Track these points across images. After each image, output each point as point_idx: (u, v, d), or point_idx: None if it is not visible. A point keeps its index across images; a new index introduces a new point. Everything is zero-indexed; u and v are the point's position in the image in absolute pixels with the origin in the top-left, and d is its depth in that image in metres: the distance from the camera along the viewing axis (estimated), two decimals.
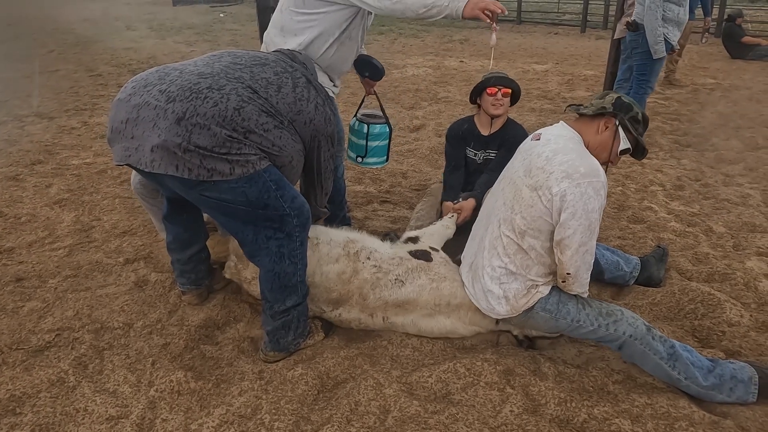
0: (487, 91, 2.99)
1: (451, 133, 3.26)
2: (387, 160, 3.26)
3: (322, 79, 2.79)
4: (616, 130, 2.02)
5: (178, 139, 1.80)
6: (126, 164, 1.93)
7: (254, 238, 2.04)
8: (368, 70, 3.04)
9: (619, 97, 2.03)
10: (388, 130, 3.13)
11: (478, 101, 3.09)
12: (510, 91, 2.99)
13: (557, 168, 1.92)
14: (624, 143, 2.04)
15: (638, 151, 2.10)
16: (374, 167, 3.37)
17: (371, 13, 2.84)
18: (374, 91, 3.21)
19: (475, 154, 3.17)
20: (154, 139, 1.82)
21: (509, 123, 3.14)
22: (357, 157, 3.17)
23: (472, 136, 3.16)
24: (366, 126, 3.08)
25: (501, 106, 2.99)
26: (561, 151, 1.96)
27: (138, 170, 1.96)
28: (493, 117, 3.05)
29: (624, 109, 2.02)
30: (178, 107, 1.82)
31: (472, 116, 3.21)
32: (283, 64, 2.13)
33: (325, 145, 2.24)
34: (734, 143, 4.98)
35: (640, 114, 2.05)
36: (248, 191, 1.90)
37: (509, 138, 3.08)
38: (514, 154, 3.03)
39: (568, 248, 1.94)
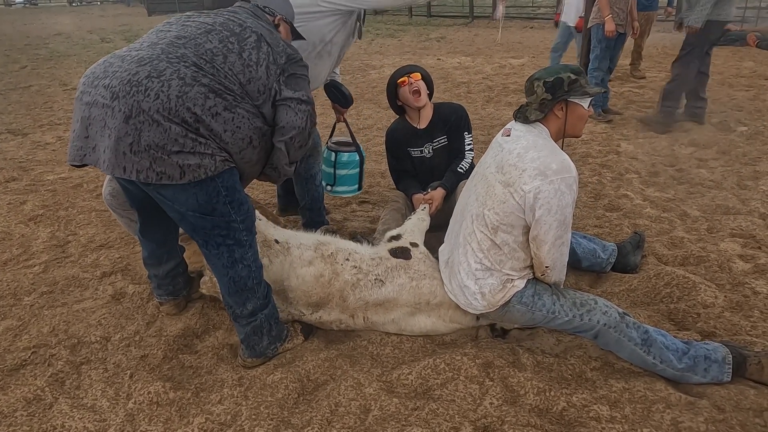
0: (399, 83, 2.97)
1: (391, 143, 3.16)
2: (359, 189, 3.20)
3: None
4: (568, 104, 2.03)
5: (128, 138, 1.75)
6: (81, 164, 1.90)
7: (205, 243, 2.01)
8: (336, 97, 3.01)
9: (544, 81, 1.99)
10: (357, 158, 3.06)
11: (399, 103, 3.07)
12: (419, 74, 2.98)
13: (529, 165, 1.93)
14: (584, 101, 2.03)
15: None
16: (345, 196, 3.30)
17: (354, 35, 2.83)
18: (344, 119, 3.16)
19: (422, 151, 3.10)
20: (105, 140, 1.79)
21: (438, 106, 3.11)
22: (326, 185, 3.13)
23: (411, 134, 3.09)
24: (334, 154, 3.04)
25: (420, 95, 2.95)
26: (532, 147, 1.98)
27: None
28: (419, 108, 3.01)
29: (559, 86, 1.98)
30: (123, 104, 1.75)
31: (403, 116, 3.16)
32: (232, 24, 2.01)
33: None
34: (707, 128, 5.05)
35: (570, 75, 1.99)
36: (198, 194, 1.86)
37: (449, 117, 3.06)
38: (461, 129, 3.05)
39: (545, 243, 1.97)
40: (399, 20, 15.98)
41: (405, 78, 2.96)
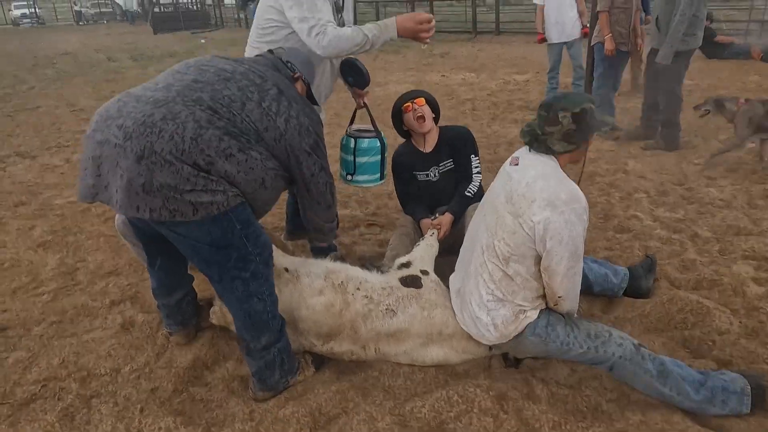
0: (403, 110, 2.97)
1: (398, 166, 3.16)
2: (382, 178, 3.02)
3: None
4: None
5: (140, 179, 1.76)
6: (92, 201, 1.92)
7: (219, 277, 2.00)
8: (352, 75, 2.87)
9: (572, 113, 1.93)
10: (378, 144, 2.92)
11: (405, 127, 3.07)
12: (423, 100, 2.97)
13: (538, 195, 1.92)
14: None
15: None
16: (367, 186, 3.14)
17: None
18: (364, 103, 3.02)
19: (428, 174, 3.10)
20: (117, 180, 1.80)
21: (443, 130, 3.11)
22: (347, 174, 2.99)
23: (417, 158, 3.10)
24: (353, 140, 2.91)
25: (424, 121, 2.95)
26: (540, 176, 1.96)
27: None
28: (424, 134, 3.02)
29: (585, 117, 1.94)
30: (136, 145, 1.76)
31: (409, 140, 3.17)
32: (252, 75, 2.03)
33: (307, 160, 2.11)
34: (715, 144, 5.03)
35: (591, 105, 1.96)
36: (213, 229, 1.86)
37: (454, 141, 3.06)
38: (467, 151, 3.05)
39: (557, 274, 1.95)
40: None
41: (409, 104, 2.96)
